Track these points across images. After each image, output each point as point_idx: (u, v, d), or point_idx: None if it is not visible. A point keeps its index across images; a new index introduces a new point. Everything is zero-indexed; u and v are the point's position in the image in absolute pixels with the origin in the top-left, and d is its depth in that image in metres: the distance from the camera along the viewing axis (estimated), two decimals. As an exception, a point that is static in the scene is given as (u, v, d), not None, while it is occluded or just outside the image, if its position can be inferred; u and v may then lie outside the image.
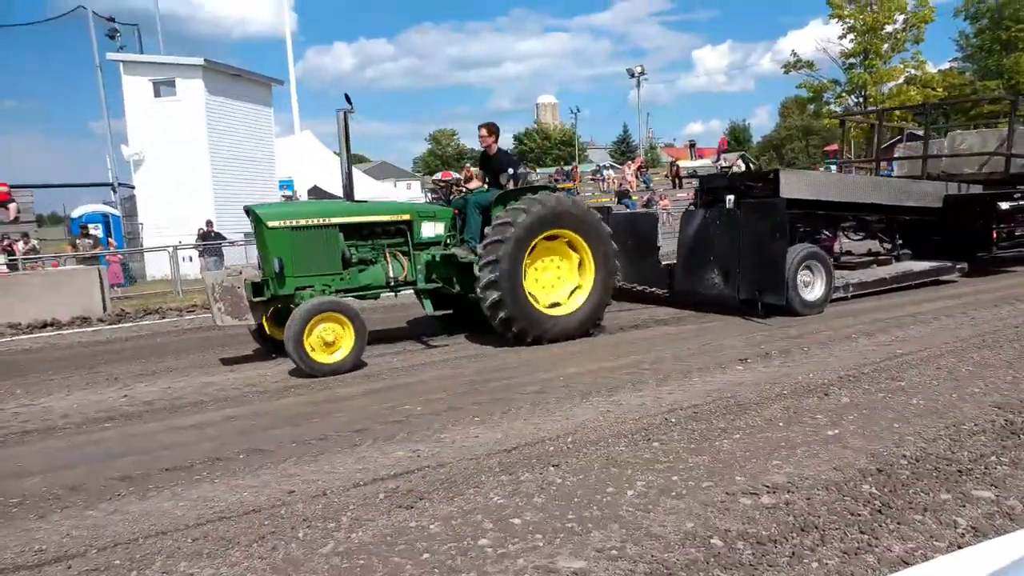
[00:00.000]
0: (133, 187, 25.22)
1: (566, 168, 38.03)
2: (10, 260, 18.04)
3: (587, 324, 8.56)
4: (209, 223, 21.74)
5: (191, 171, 23.66)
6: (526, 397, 6.17)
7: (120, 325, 12.26)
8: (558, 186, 9.46)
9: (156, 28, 30.44)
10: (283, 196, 28.03)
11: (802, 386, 6.12)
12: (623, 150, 76.60)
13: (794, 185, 9.99)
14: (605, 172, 41.05)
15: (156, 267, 21.80)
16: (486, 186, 9.12)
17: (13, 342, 10.93)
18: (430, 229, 8.49)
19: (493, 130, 8.98)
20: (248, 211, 7.85)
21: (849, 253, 12.95)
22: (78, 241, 19.96)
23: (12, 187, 22.85)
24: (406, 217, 8.38)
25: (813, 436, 4.88)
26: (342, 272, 7.94)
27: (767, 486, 4.07)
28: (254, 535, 3.75)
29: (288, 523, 3.88)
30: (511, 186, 8.73)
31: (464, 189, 9.38)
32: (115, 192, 25.81)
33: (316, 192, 31.56)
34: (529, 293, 8.19)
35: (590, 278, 8.55)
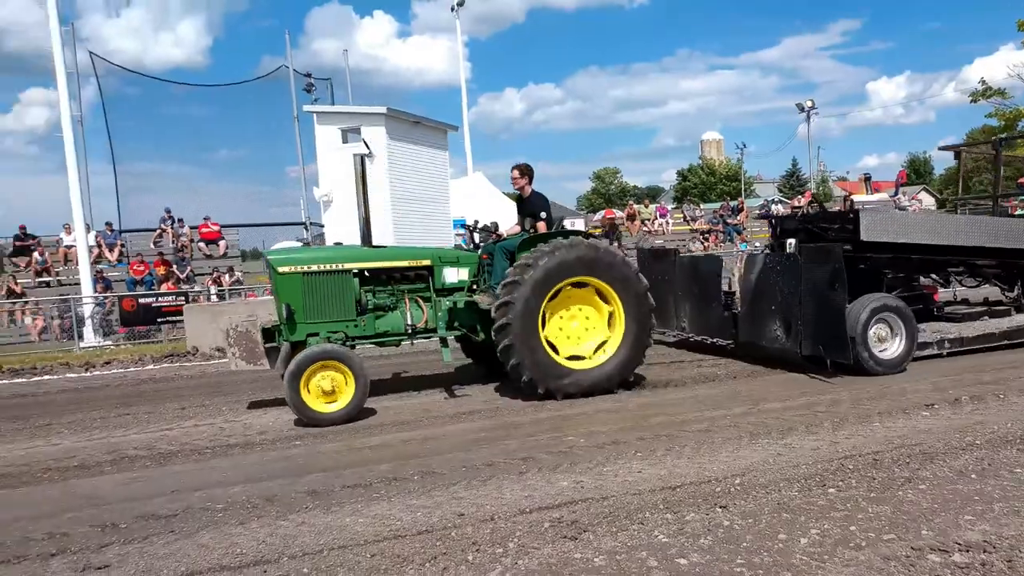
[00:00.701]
0: (323, 226, 27.06)
1: (732, 203, 36.94)
2: (219, 291, 19.88)
3: (612, 381, 7.71)
4: (388, 259, 22.87)
5: (373, 211, 25.05)
6: (691, 435, 6.00)
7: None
8: (585, 231, 8.29)
9: (346, 81, 32.68)
10: (457, 234, 29.09)
11: (998, 436, 5.56)
12: (792, 184, 73.59)
13: (877, 227, 8.74)
14: (773, 207, 39.55)
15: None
16: (532, 230, 8.34)
17: (221, 364, 11.96)
18: (453, 275, 8.04)
19: (525, 171, 8.43)
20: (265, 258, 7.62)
21: (965, 302, 11.28)
22: (275, 274, 21.63)
23: (221, 227, 25.22)
24: (426, 263, 7.95)
25: (1013, 491, 4.41)
26: (356, 319, 7.55)
27: (959, 543, 3.71)
28: (427, 555, 3.86)
29: (458, 545, 3.96)
30: (542, 229, 8.12)
31: (498, 234, 8.82)
32: (307, 230, 27.83)
33: (486, 230, 32.50)
34: (549, 342, 7.58)
35: (619, 331, 7.74)
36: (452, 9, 30.30)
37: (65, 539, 4.30)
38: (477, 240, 8.84)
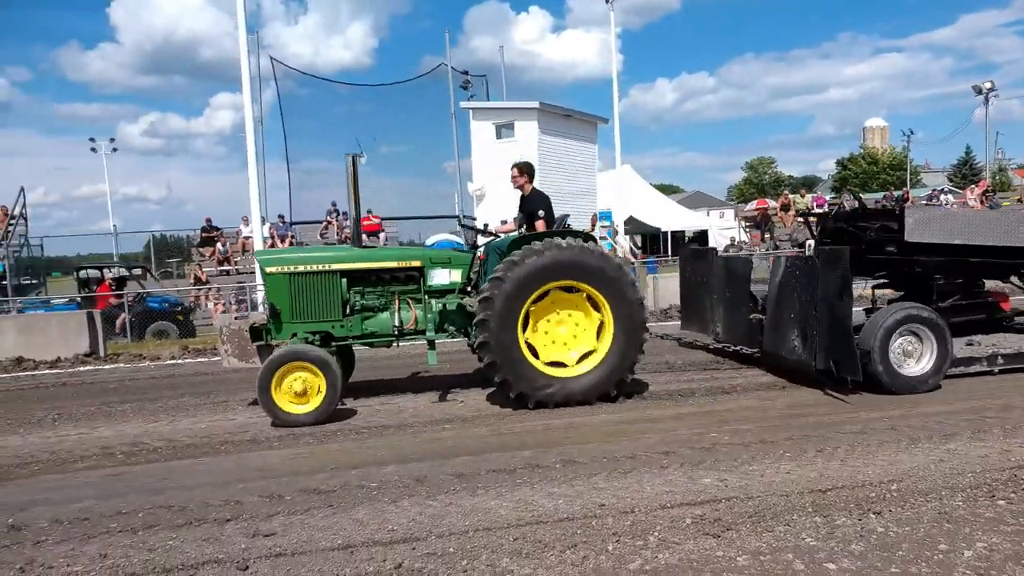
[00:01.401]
0: (475, 218, 27.79)
1: (896, 192, 34.52)
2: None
3: (602, 388, 7.14)
4: (537, 250, 23.14)
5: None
6: (844, 437, 5.68)
7: (460, 338, 13.47)
8: (583, 231, 7.87)
9: (501, 78, 33.21)
10: (602, 226, 28.98)
11: None
12: (964, 173, 67.80)
13: (925, 226, 7.58)
14: (943, 197, 36.59)
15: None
16: (523, 230, 8.03)
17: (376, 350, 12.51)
18: (444, 276, 7.70)
19: (524, 170, 8.11)
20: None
21: None
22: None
23: (382, 219, 26.41)
24: (416, 264, 7.65)
25: None
26: (342, 319, 7.41)
27: None
28: (567, 542, 3.89)
29: (598, 535, 3.96)
30: (541, 228, 7.72)
31: (495, 234, 8.42)
32: (460, 223, 28.60)
33: (632, 222, 32.16)
34: (532, 349, 7.13)
35: (608, 336, 7.17)
36: (607, 1, 30.04)
37: (238, 507, 4.67)
38: (473, 240, 8.44)
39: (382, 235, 25.67)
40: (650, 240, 38.35)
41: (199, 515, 4.54)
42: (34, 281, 22.94)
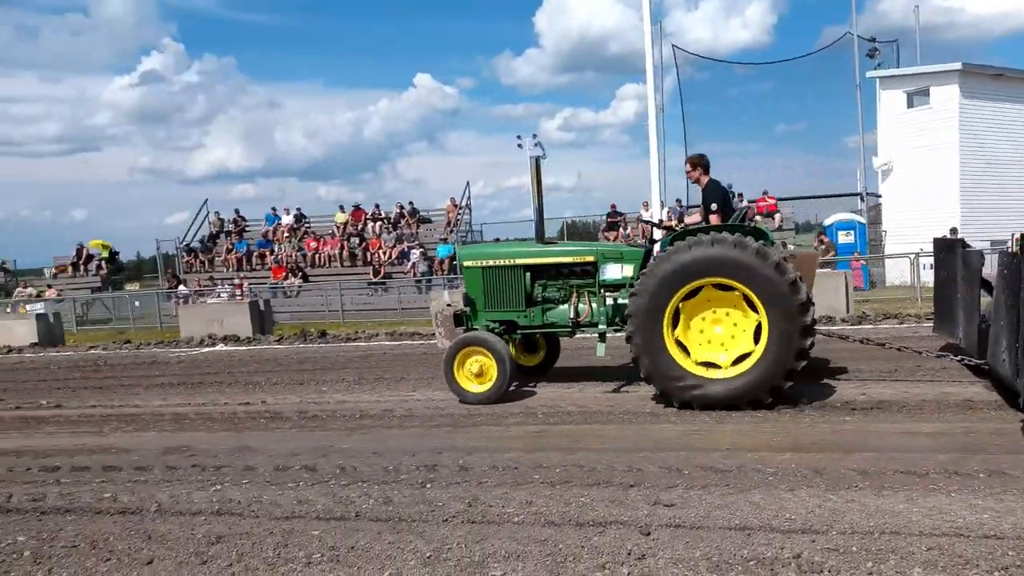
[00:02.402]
0: (879, 196, 25.17)
1: None
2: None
3: (751, 393, 6.49)
4: (953, 231, 20.17)
5: (938, 178, 22.40)
6: None
7: (860, 327, 12.45)
8: (754, 226, 7.21)
9: (914, 42, 29.29)
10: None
11: None
12: None
13: None
14: None
15: (896, 273, 21.37)
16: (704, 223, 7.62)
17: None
18: (616, 271, 7.68)
19: (696, 163, 7.77)
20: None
21: None
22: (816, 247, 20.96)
23: (778, 200, 25.27)
24: (590, 259, 7.79)
25: None
26: (525, 310, 7.82)
27: None
28: (995, 563, 3.36)
29: (1036, 562, 3.36)
30: (714, 221, 7.31)
31: (671, 228, 8.24)
32: (863, 201, 26.14)
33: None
34: (682, 347, 6.70)
35: (763, 339, 6.49)
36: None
37: (640, 474, 4.91)
38: (650, 235, 8.49)
39: (777, 216, 24.57)
40: (1115, 215, 30.83)
41: (606, 477, 4.88)
42: (476, 262, 26.62)
